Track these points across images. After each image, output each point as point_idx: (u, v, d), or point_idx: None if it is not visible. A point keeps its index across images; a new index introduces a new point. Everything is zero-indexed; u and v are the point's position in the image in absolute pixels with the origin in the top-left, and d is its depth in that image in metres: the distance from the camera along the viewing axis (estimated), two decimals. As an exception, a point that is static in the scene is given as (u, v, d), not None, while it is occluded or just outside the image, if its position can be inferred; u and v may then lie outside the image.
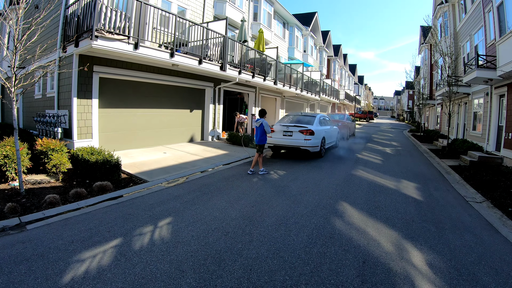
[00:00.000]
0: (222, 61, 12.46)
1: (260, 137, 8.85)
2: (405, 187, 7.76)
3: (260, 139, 8.86)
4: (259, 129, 8.84)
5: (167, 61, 10.16)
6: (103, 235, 4.39)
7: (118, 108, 10.45)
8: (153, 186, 7.13)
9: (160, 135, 12.05)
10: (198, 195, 6.40)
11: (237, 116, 15.95)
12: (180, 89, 12.75)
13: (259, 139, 8.86)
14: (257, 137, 8.89)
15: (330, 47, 41.59)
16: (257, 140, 8.90)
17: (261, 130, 8.83)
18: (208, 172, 8.67)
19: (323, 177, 8.42)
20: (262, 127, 8.80)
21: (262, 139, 8.88)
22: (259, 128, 8.84)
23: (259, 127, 8.83)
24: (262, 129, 8.81)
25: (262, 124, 8.78)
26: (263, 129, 8.82)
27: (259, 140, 8.87)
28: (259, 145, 8.88)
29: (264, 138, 8.92)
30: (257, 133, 8.88)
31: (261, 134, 8.84)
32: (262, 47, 16.31)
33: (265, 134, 8.89)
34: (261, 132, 8.83)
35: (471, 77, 12.46)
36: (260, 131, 8.84)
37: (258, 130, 8.88)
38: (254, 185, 7.29)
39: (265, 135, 8.94)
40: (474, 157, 11.80)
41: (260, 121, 8.81)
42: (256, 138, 8.92)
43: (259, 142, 8.88)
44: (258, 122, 8.84)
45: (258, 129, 8.86)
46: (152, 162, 9.24)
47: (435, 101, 26.97)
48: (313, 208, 5.78)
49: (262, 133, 8.84)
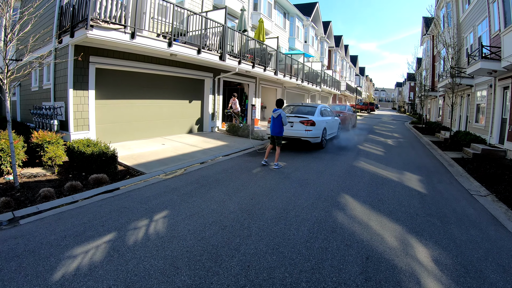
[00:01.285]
0: (221, 51, 12.21)
1: (278, 129, 8.55)
2: (408, 180, 7.61)
3: (278, 131, 8.57)
4: (277, 120, 8.53)
5: (165, 50, 9.93)
6: (97, 230, 4.24)
7: (115, 99, 10.25)
8: (150, 178, 6.98)
9: (159, 126, 11.86)
10: (196, 187, 6.25)
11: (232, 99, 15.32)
12: (179, 79, 12.52)
13: (277, 131, 8.57)
14: (275, 129, 8.59)
15: (331, 38, 41.12)
16: (275, 131, 8.61)
17: (279, 121, 8.51)
18: (207, 163, 8.51)
19: (324, 168, 8.27)
20: (280, 119, 8.47)
21: (279, 131, 8.58)
22: (277, 120, 8.52)
23: (277, 118, 8.51)
24: (280, 120, 8.49)
25: (281, 115, 8.45)
26: (281, 121, 8.49)
27: (277, 132, 8.58)
28: (277, 137, 8.63)
29: (282, 130, 8.62)
30: (275, 124, 8.58)
31: (279, 125, 8.53)
32: (262, 37, 16.01)
33: (283, 126, 8.59)
34: (278, 123, 8.52)
35: (475, 68, 12.21)
36: (277, 122, 8.53)
37: (275, 122, 8.56)
38: (254, 177, 7.13)
39: (283, 127, 8.63)
40: (477, 149, 11.64)
41: (279, 112, 8.48)
42: (274, 129, 8.60)
43: (276, 134, 8.61)
44: (276, 113, 8.52)
45: (276, 120, 8.54)
46: (149, 153, 9.07)
47: (437, 93, 26.67)
48: (314, 200, 5.63)
49: (280, 124, 8.53)
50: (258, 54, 15.27)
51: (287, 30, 25.49)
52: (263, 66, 15.55)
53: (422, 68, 31.78)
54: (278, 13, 23.55)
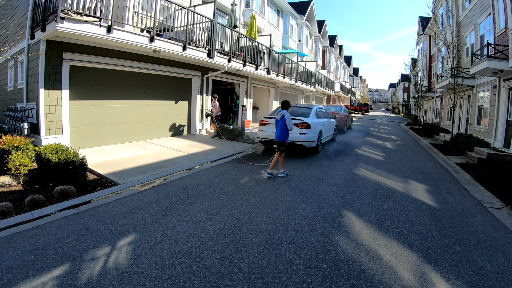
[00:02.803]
0: (209, 47, 11.32)
1: (280, 133, 7.50)
2: (415, 190, 6.80)
3: (280, 135, 7.51)
4: (280, 123, 7.49)
5: (147, 46, 9.03)
6: (48, 259, 3.44)
7: (93, 100, 9.31)
8: (124, 190, 6.09)
9: (141, 129, 10.92)
10: (173, 202, 5.36)
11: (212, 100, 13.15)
12: (164, 78, 11.60)
13: (280, 135, 7.51)
14: (277, 133, 7.58)
15: (326, 38, 40.42)
16: (277, 136, 7.57)
17: (282, 124, 7.47)
18: (190, 171, 7.62)
19: (321, 177, 7.41)
20: (284, 121, 7.44)
21: (283, 135, 7.51)
22: (280, 122, 7.49)
23: (280, 121, 7.49)
24: (284, 123, 7.45)
25: (284, 117, 7.43)
26: (284, 124, 7.45)
27: (279, 136, 7.52)
28: (280, 142, 7.56)
29: (285, 135, 7.55)
30: (278, 127, 7.57)
31: (282, 129, 7.49)
32: (254, 34, 15.15)
33: (287, 129, 7.52)
34: (282, 126, 7.48)
35: (479, 67, 11.47)
36: (281, 125, 7.49)
37: (278, 124, 7.56)
38: (241, 189, 6.24)
39: (287, 131, 7.56)
40: (482, 154, 10.91)
41: (282, 114, 7.47)
42: (276, 133, 7.59)
43: (279, 139, 7.54)
44: (279, 115, 7.52)
45: (279, 122, 7.52)
46: (128, 160, 8.16)
47: (434, 94, 26.05)
48: (311, 220, 4.76)
49: (284, 128, 7.48)
50: (250, 52, 14.41)
51: (280, 29, 24.66)
52: (255, 65, 14.68)
53: (417, 69, 31.17)
54: (271, 11, 22.70)
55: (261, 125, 10.22)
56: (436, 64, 25.84)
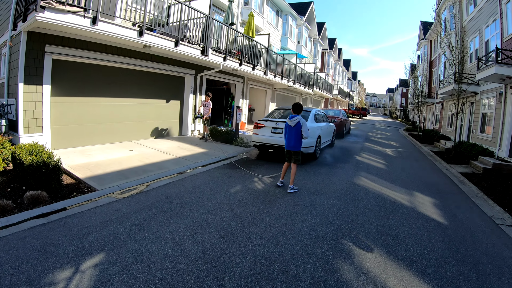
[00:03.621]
0: (204, 44, 10.71)
1: (295, 141, 6.40)
2: (421, 204, 6.22)
3: (295, 144, 6.40)
4: (294, 130, 6.34)
5: (136, 41, 8.40)
6: (3, 282, 2.90)
7: (77, 97, 8.66)
8: (101, 197, 5.47)
9: (129, 129, 10.27)
10: (153, 214, 4.73)
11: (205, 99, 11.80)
12: (155, 76, 10.96)
13: (294, 144, 6.40)
14: (290, 141, 6.42)
15: (325, 40, 39.95)
16: (290, 145, 6.44)
17: (297, 132, 6.34)
18: (177, 177, 6.99)
19: (319, 187, 6.81)
20: (299, 129, 6.33)
21: (297, 144, 6.42)
22: (294, 130, 6.34)
23: (294, 128, 6.34)
24: (299, 131, 6.34)
25: (300, 123, 6.32)
26: (299, 132, 6.34)
27: (294, 145, 6.40)
28: (294, 152, 6.45)
29: (299, 144, 6.46)
30: (291, 135, 6.40)
31: (297, 137, 6.38)
32: (252, 32, 14.56)
33: (301, 138, 6.43)
34: (296, 135, 6.36)
35: (487, 73, 10.95)
36: (295, 133, 6.35)
37: (292, 132, 6.37)
38: (230, 200, 5.61)
39: (301, 140, 6.46)
40: (488, 164, 10.38)
41: (297, 120, 6.34)
42: (290, 142, 6.44)
43: (292, 148, 6.42)
44: (293, 121, 6.34)
45: (293, 130, 6.36)
46: (111, 162, 7.52)
47: (434, 100, 25.57)
48: (309, 241, 4.15)
49: (298, 136, 6.37)
50: (247, 51, 13.81)
51: (279, 29, 24.09)
52: (251, 65, 14.07)
53: (416, 74, 30.70)
54: (271, 10, 22.11)
55: (256, 128, 9.62)
56: (436, 70, 25.39)
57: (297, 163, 6.52)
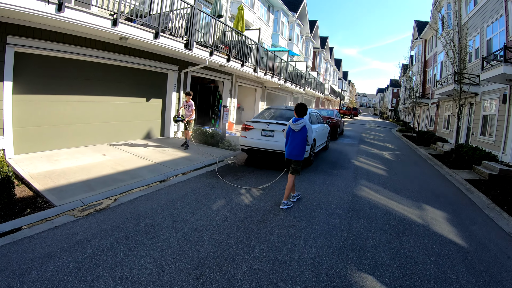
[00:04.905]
0: (188, 37, 9.70)
1: (300, 149, 5.38)
2: (434, 220, 5.38)
3: (298, 152, 5.38)
4: (298, 136, 5.35)
5: (110, 31, 7.34)
6: None
7: (45, 94, 7.57)
8: (59, 215, 4.51)
9: (104, 131, 9.20)
10: (114, 242, 3.75)
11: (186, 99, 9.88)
12: (134, 71, 9.89)
13: (297, 152, 5.37)
14: (293, 149, 5.40)
15: (317, 38, 39.14)
16: (293, 153, 5.40)
17: (301, 138, 5.36)
18: (151, 188, 6.00)
19: (317, 201, 5.89)
20: (305, 134, 5.36)
21: (301, 152, 5.39)
22: (298, 135, 5.34)
23: (299, 133, 5.34)
24: (304, 136, 5.37)
25: (305, 128, 5.34)
26: (305, 137, 5.37)
27: (297, 153, 5.37)
28: (295, 162, 5.44)
29: (303, 152, 5.43)
30: (294, 141, 5.38)
31: (299, 144, 5.37)
32: (241, 26, 13.58)
33: (306, 144, 5.43)
34: (300, 141, 5.36)
35: (494, 73, 10.20)
36: (298, 139, 5.36)
37: (295, 138, 5.37)
38: (212, 220, 4.63)
39: (305, 146, 5.45)
40: (493, 169, 9.67)
41: (302, 123, 5.33)
42: (292, 149, 5.40)
43: (294, 157, 5.40)
44: (298, 125, 5.33)
45: (297, 135, 5.35)
46: (78, 170, 6.48)
47: (429, 100, 24.98)
48: (309, 281, 3.22)
49: (302, 143, 5.37)
50: (236, 46, 12.82)
51: (270, 25, 23.13)
52: (240, 61, 13.09)
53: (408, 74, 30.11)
54: (262, 5, 21.12)
55: (244, 130, 8.64)
56: (431, 70, 24.79)
57: (296, 174, 5.49)
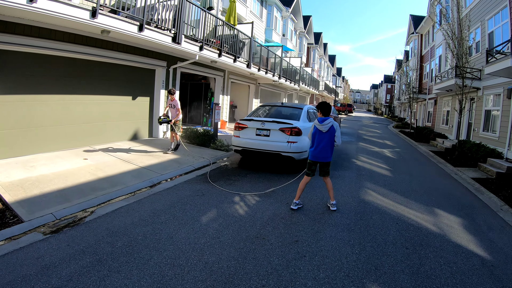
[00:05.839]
0: (176, 30, 9.02)
1: (327, 151, 4.98)
2: (450, 228, 4.82)
3: (326, 154, 4.98)
4: (327, 136, 4.93)
5: (89, 24, 6.61)
6: None
7: (20, 94, 6.84)
8: (27, 232, 3.91)
9: (88, 132, 8.49)
10: (84, 268, 3.10)
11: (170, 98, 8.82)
12: (119, 68, 9.18)
13: (325, 154, 4.98)
14: (322, 151, 4.97)
15: (311, 34, 38.53)
16: (321, 155, 4.98)
17: (330, 138, 4.96)
18: (134, 197, 5.34)
19: (320, 209, 5.26)
20: (333, 134, 4.96)
21: (329, 154, 5.02)
22: (327, 136, 4.93)
23: (328, 133, 4.92)
24: (332, 137, 4.97)
25: (333, 127, 4.95)
26: (333, 138, 4.98)
27: (324, 155, 4.98)
28: (324, 164, 5.07)
29: (331, 153, 5.08)
30: (322, 143, 4.95)
31: (328, 145, 4.97)
32: (233, 20, 12.91)
33: (334, 144, 5.07)
34: (330, 142, 4.97)
35: (500, 66, 9.66)
36: (328, 140, 4.94)
37: (324, 139, 4.94)
38: (200, 237, 3.97)
39: (333, 146, 5.10)
40: (501, 167, 9.20)
41: (330, 123, 4.91)
42: (321, 151, 4.98)
43: (323, 159, 5.01)
44: (325, 125, 4.90)
45: (325, 136, 4.93)
46: (55, 177, 5.79)
47: (426, 96, 24.53)
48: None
49: (331, 144, 5.00)
50: (228, 41, 12.16)
51: (264, 20, 22.46)
52: (233, 56, 12.42)
53: (403, 69, 29.64)
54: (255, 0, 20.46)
55: (237, 129, 7.98)
56: (428, 65, 24.31)
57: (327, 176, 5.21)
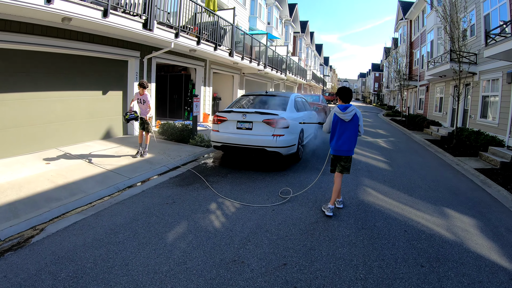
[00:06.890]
0: (147, 15, 8.05)
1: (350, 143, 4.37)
2: (466, 233, 4.11)
3: (349, 147, 4.37)
4: (351, 126, 4.33)
5: (44, 10, 5.57)
6: None
7: None
8: None
9: (53, 133, 7.48)
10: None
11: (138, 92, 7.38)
12: (86, 60, 8.14)
13: (348, 147, 4.37)
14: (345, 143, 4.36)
15: (297, 22, 37.54)
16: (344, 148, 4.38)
17: (354, 128, 4.34)
18: (93, 208, 4.46)
19: (314, 217, 4.44)
20: (357, 123, 4.33)
21: (351, 147, 4.39)
22: (351, 125, 4.33)
23: (351, 123, 4.32)
24: (356, 126, 4.35)
25: (357, 116, 4.32)
26: (357, 127, 4.36)
27: (347, 148, 4.37)
28: (346, 158, 4.44)
29: (354, 145, 4.45)
30: (345, 133, 4.36)
31: (354, 136, 4.39)
32: (213, 5, 11.96)
33: (358, 135, 4.44)
34: (353, 132, 4.36)
35: (502, 48, 8.94)
36: (352, 130, 4.35)
37: (347, 129, 4.35)
38: (164, 262, 3.12)
39: (357, 138, 4.46)
40: (504, 156, 8.62)
41: (353, 111, 4.30)
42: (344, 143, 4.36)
43: (345, 153, 4.40)
44: (348, 113, 4.29)
45: (348, 126, 4.33)
46: (8, 187, 4.86)
47: (417, 82, 23.92)
48: None
49: (355, 134, 4.39)
50: (208, 28, 11.19)
51: (247, 7, 21.41)
52: (213, 44, 11.46)
53: (391, 56, 29.00)
54: (237, -15, 19.41)
55: (216, 123, 7.07)
56: (419, 51, 23.67)
57: (346, 173, 4.55)
